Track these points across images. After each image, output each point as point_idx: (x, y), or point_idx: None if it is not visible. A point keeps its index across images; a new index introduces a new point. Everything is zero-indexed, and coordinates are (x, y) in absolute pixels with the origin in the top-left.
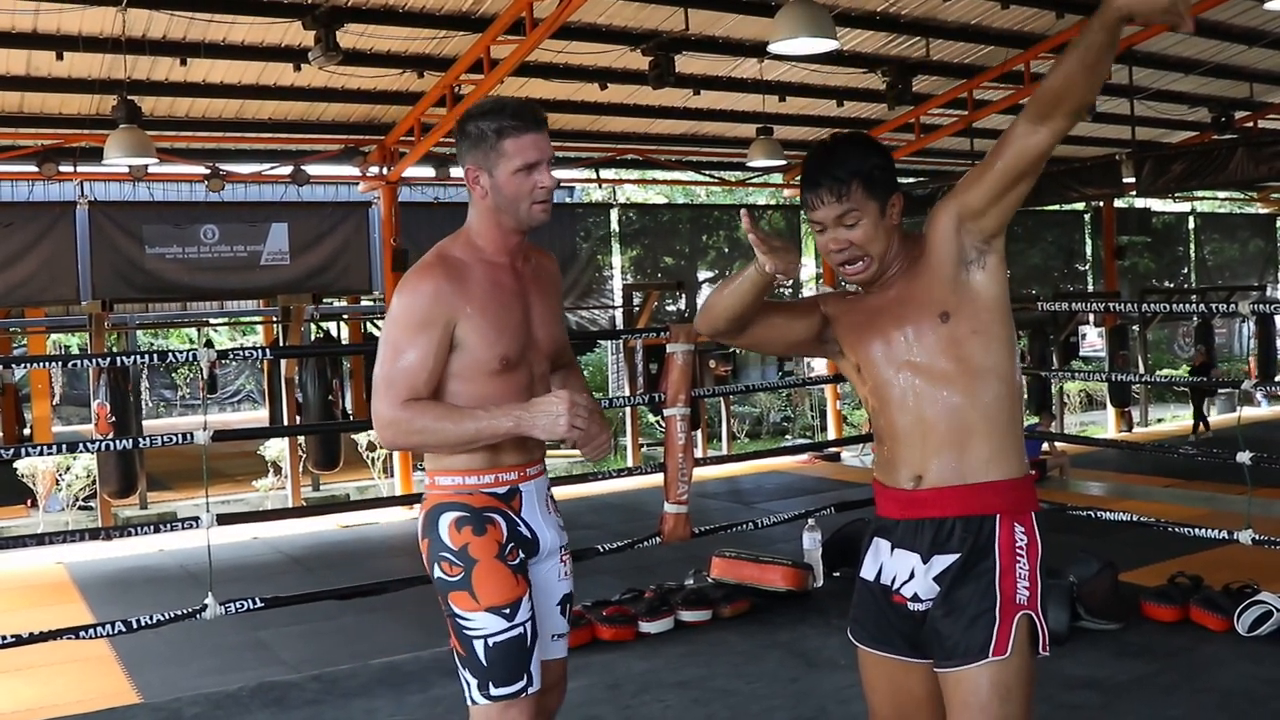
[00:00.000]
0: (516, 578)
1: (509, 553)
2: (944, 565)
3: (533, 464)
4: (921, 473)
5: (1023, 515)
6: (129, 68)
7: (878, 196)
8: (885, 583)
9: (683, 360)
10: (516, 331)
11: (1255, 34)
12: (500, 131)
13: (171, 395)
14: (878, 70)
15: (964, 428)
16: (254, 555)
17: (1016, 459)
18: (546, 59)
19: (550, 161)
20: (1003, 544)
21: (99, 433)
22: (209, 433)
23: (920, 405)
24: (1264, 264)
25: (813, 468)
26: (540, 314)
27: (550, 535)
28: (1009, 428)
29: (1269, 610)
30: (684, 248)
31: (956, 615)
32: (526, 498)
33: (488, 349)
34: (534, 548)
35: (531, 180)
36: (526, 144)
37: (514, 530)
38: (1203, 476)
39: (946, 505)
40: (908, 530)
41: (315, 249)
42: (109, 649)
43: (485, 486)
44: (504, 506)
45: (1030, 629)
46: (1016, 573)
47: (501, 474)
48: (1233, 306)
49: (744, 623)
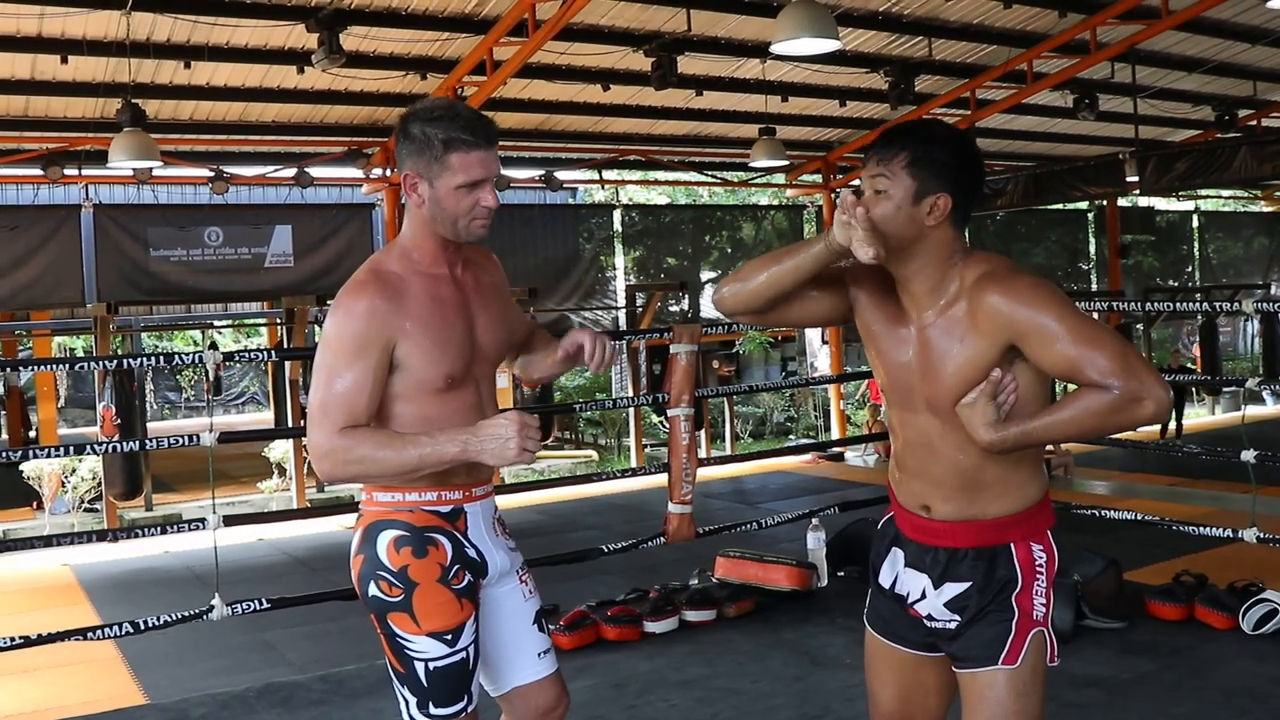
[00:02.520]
0: (461, 602)
1: (453, 576)
2: (956, 592)
3: (479, 484)
4: (930, 505)
5: (1039, 535)
6: (133, 71)
7: (919, 178)
8: (900, 594)
9: (686, 361)
10: (461, 347)
11: (1258, 32)
12: (448, 143)
13: (176, 397)
14: (880, 70)
15: (977, 468)
16: (259, 557)
17: (1034, 485)
18: (549, 60)
19: (495, 179)
20: (1022, 563)
21: (104, 435)
22: (214, 434)
23: (932, 444)
24: (1268, 262)
25: (816, 468)
26: (485, 324)
27: (501, 558)
28: (1024, 455)
29: (1274, 609)
30: (687, 248)
31: (973, 634)
32: (472, 519)
33: (431, 368)
34: (482, 570)
35: (474, 198)
36: (474, 161)
37: (460, 552)
38: (1208, 475)
39: (958, 538)
40: (919, 552)
41: (319, 251)
42: (115, 650)
43: (427, 504)
44: (448, 526)
45: (1041, 642)
46: (1034, 590)
47: (445, 492)
48: (1237, 305)
49: (748, 622)
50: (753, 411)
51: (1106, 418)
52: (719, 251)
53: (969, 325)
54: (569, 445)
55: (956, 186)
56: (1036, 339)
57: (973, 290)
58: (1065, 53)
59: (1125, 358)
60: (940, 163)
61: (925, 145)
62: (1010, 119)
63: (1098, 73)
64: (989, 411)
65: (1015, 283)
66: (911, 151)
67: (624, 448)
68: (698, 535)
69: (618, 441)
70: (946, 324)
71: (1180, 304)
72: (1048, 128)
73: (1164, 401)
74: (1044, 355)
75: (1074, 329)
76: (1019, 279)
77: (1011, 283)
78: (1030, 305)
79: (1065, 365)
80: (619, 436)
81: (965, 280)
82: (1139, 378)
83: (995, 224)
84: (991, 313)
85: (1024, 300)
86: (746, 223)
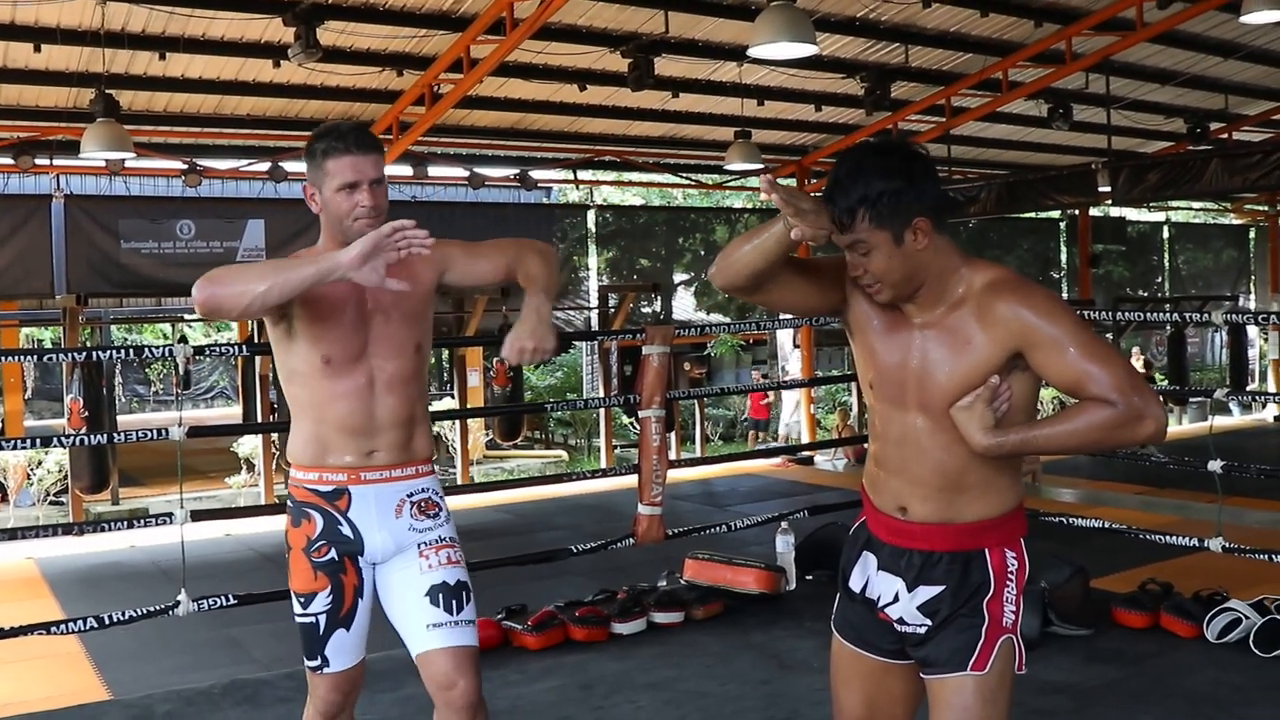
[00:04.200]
0: (316, 573)
1: (316, 549)
2: (929, 595)
3: (373, 469)
4: (907, 506)
5: (1013, 542)
6: (107, 61)
7: (889, 226)
8: (871, 598)
9: (658, 362)
10: (343, 335)
11: (1230, 46)
12: (324, 152)
13: (145, 391)
14: (856, 76)
15: (961, 470)
16: (226, 552)
17: (1011, 491)
18: (526, 59)
19: (374, 184)
20: (996, 569)
21: (71, 428)
22: (184, 429)
23: (919, 444)
24: (1237, 274)
25: (786, 471)
26: (382, 318)
27: (387, 538)
28: (1008, 461)
29: (1238, 618)
30: (660, 250)
31: (943, 639)
32: (359, 500)
33: (309, 347)
34: (356, 547)
35: (353, 200)
36: (345, 165)
37: (332, 527)
38: (1174, 484)
39: (934, 540)
40: (894, 555)
41: (292, 245)
42: (79, 645)
43: (309, 483)
44: (325, 504)
45: (1011, 649)
46: (1005, 596)
47: (327, 474)
48: (1206, 316)
49: (717, 624)
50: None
51: (1109, 432)
52: (692, 254)
53: (976, 329)
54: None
55: (924, 202)
56: (1047, 349)
57: (982, 295)
58: (1040, 62)
59: (1131, 376)
60: (896, 194)
61: (874, 190)
62: (985, 127)
63: (1072, 83)
64: (986, 416)
65: (1031, 292)
66: (865, 208)
67: (594, 448)
68: (667, 537)
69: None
70: (951, 327)
71: (1150, 314)
72: (1022, 136)
73: (1163, 422)
74: (1051, 365)
75: (1085, 344)
76: (1035, 288)
77: (1027, 292)
78: (1045, 315)
79: (1072, 377)
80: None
81: (973, 285)
82: (1144, 397)
83: (968, 231)
84: (1004, 319)
85: (1039, 310)
86: (720, 225)
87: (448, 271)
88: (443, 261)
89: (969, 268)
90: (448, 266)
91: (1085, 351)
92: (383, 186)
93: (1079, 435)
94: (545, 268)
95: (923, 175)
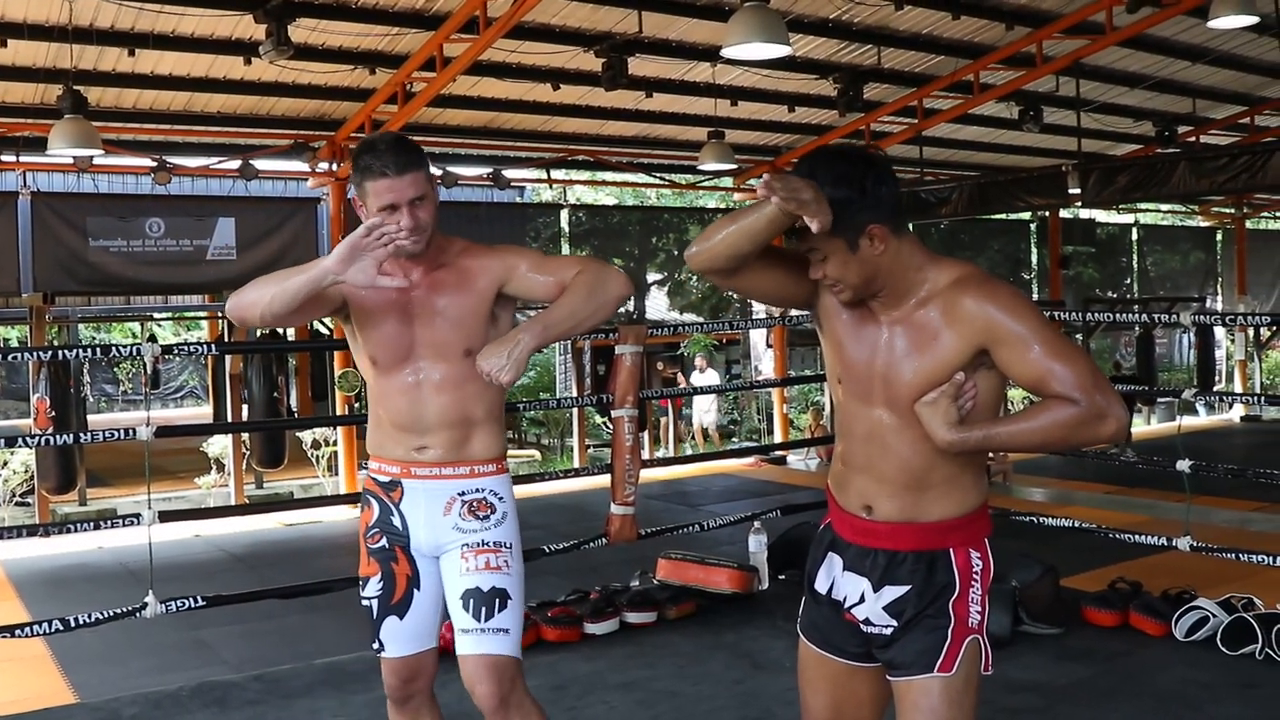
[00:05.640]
0: (369, 559)
1: (371, 535)
2: (895, 596)
3: (422, 465)
4: (872, 505)
5: (978, 542)
6: (75, 57)
7: (843, 233)
8: (837, 599)
9: (631, 362)
10: (387, 339)
11: (1198, 51)
12: (364, 171)
13: (114, 390)
14: (829, 77)
15: (926, 468)
16: (196, 553)
17: (975, 490)
18: (499, 58)
19: (414, 202)
20: (961, 569)
21: (38, 427)
22: (151, 429)
23: (884, 440)
24: (1204, 275)
25: (758, 470)
26: (426, 321)
27: (427, 534)
28: (972, 459)
29: (1205, 616)
30: (634, 249)
31: (909, 640)
32: (410, 493)
33: (360, 347)
34: (405, 538)
35: (395, 219)
36: (382, 189)
37: (385, 517)
38: (1143, 483)
39: (899, 539)
40: (859, 555)
41: (262, 245)
42: (45, 648)
43: (372, 471)
44: (382, 493)
45: (977, 650)
46: (970, 596)
47: (385, 464)
48: (1175, 317)
49: (689, 624)
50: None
51: (1071, 430)
52: (665, 254)
53: (942, 325)
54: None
55: (877, 208)
56: (1011, 345)
57: (948, 292)
58: (1011, 65)
59: (1094, 375)
60: (845, 202)
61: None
62: (956, 129)
63: (1043, 85)
64: (950, 412)
65: (997, 289)
66: None
67: (567, 448)
68: (640, 537)
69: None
70: (917, 323)
71: (1120, 315)
72: (993, 138)
73: (1124, 422)
74: (1015, 362)
75: (1049, 341)
76: (1000, 285)
77: (993, 289)
78: (1011, 312)
79: (1035, 375)
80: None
81: (939, 282)
82: (1106, 396)
83: (939, 232)
84: (970, 315)
85: (1005, 306)
86: (694, 225)
87: (508, 283)
88: (505, 272)
89: (935, 266)
90: (509, 278)
91: (1049, 349)
92: (425, 202)
93: (1041, 433)
94: (573, 303)
95: (876, 181)
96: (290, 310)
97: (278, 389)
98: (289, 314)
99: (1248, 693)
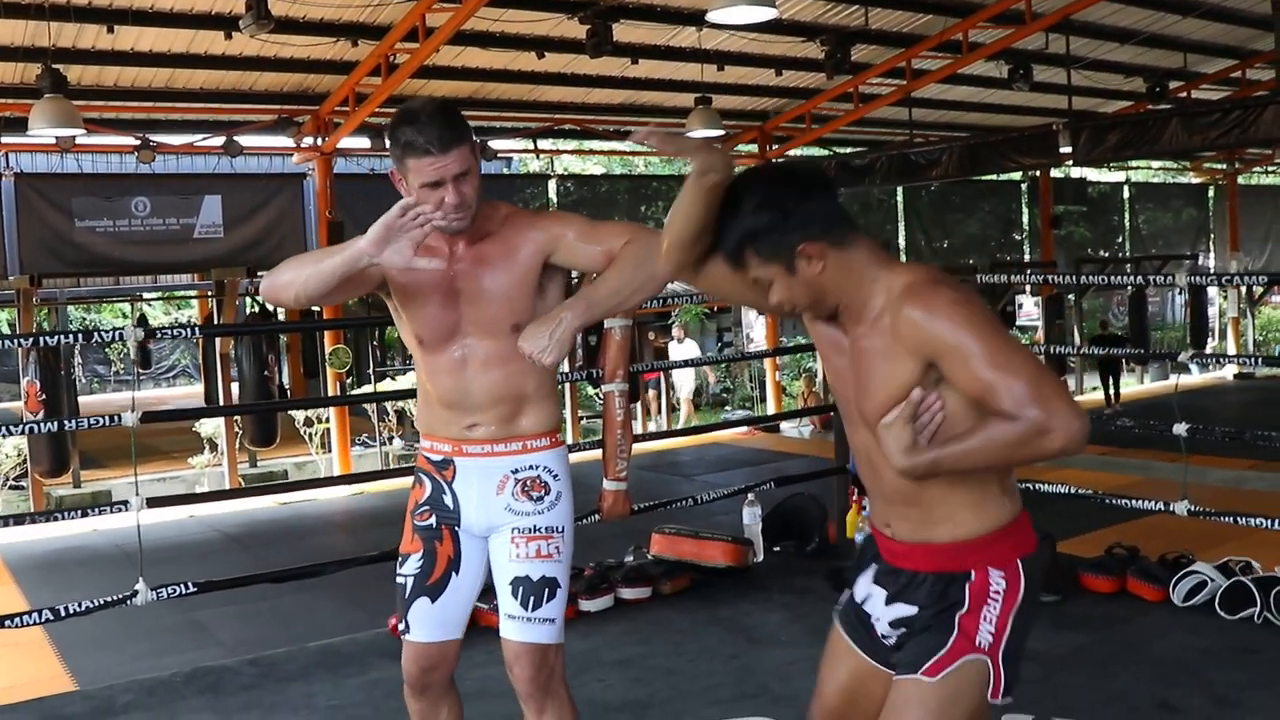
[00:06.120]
0: (414, 536)
1: (420, 513)
2: (902, 614)
3: (475, 443)
4: (890, 523)
5: (1003, 561)
6: (54, 35)
7: (778, 258)
8: (866, 608)
9: (621, 335)
10: (430, 317)
11: (1189, 4)
12: (404, 148)
13: (106, 371)
14: (816, 39)
15: (915, 489)
16: (190, 534)
17: (993, 506)
18: (483, 27)
19: (459, 178)
20: (974, 590)
21: (29, 411)
22: (137, 414)
23: (873, 461)
24: (1196, 233)
25: (752, 439)
26: (471, 298)
27: (480, 514)
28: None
29: (1203, 580)
30: (622, 218)
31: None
32: (463, 472)
33: (405, 325)
34: (456, 517)
35: (438, 195)
36: (425, 165)
37: (437, 496)
38: (1137, 444)
39: (915, 560)
40: (887, 571)
41: (250, 222)
42: (43, 634)
43: (425, 450)
44: (434, 471)
45: (980, 672)
46: (983, 614)
47: (437, 443)
48: (1170, 278)
49: (684, 599)
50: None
51: (1013, 449)
52: (655, 221)
53: (891, 340)
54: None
55: (806, 225)
56: (951, 358)
57: (895, 303)
58: (1000, 23)
59: (1039, 386)
60: (770, 228)
61: (750, 227)
62: (945, 89)
63: (1032, 43)
64: (903, 435)
65: (935, 297)
66: (748, 247)
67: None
68: (633, 512)
69: None
70: (875, 338)
71: (1113, 275)
72: (983, 98)
73: (1074, 433)
74: (958, 375)
75: (990, 351)
76: (940, 294)
77: (931, 297)
78: (948, 321)
79: (978, 389)
80: None
81: (892, 292)
82: (1049, 408)
83: (930, 194)
84: (911, 328)
85: (942, 316)
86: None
87: (555, 253)
88: (551, 242)
89: (889, 273)
90: (555, 248)
91: (991, 360)
92: (470, 176)
93: (984, 453)
94: (619, 279)
95: (799, 198)
96: (326, 291)
97: (268, 368)
98: (325, 295)
99: (1247, 657)
